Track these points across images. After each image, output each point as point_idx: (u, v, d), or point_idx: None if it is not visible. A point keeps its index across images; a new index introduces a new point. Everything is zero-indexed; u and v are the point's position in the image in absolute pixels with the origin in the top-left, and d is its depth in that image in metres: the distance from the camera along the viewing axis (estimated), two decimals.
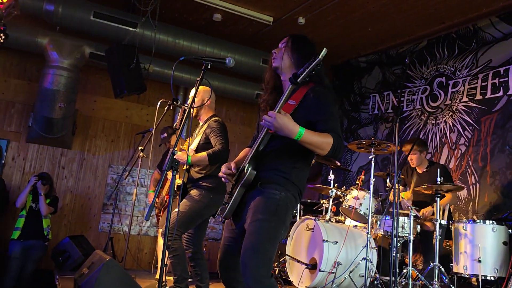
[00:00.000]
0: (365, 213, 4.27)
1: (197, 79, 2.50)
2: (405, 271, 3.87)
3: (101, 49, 5.64)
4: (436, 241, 3.89)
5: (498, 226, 3.90)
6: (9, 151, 5.96)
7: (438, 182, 3.95)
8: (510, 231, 3.92)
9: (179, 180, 3.56)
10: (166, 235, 2.15)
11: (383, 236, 4.38)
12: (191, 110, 3.11)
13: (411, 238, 3.97)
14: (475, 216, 4.72)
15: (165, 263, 2.26)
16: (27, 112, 6.03)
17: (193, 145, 3.64)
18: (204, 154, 3.40)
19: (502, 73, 4.91)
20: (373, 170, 4.17)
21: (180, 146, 3.96)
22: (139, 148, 4.58)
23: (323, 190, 5.00)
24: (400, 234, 4.07)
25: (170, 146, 5.10)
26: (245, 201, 2.14)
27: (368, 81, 6.63)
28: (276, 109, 2.07)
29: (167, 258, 3.37)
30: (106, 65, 5.60)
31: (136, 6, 5.06)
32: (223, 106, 7.31)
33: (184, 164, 3.47)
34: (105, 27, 5.41)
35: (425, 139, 5.50)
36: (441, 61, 5.63)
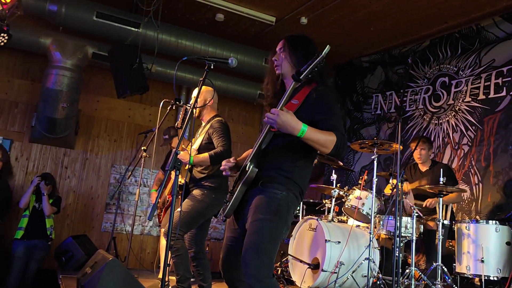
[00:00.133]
0: (368, 213, 4.26)
1: (200, 79, 2.50)
2: (407, 271, 3.86)
3: (104, 49, 5.65)
4: (439, 241, 3.88)
5: (501, 226, 3.89)
6: (12, 151, 5.98)
7: (441, 183, 3.95)
8: None
9: (181, 180, 3.56)
10: (169, 235, 2.16)
11: (385, 236, 4.37)
12: (194, 110, 3.11)
13: (414, 238, 3.96)
14: (478, 216, 4.71)
15: (167, 262, 2.26)
16: (30, 112, 6.05)
17: (195, 145, 3.64)
18: (206, 155, 3.41)
19: (505, 73, 4.90)
20: (376, 170, 4.17)
21: (182, 146, 3.96)
22: (142, 148, 4.59)
23: (326, 190, 5.00)
24: (403, 234, 4.06)
25: (172, 147, 5.10)
26: (246, 200, 2.14)
27: (371, 81, 6.62)
28: (278, 106, 2.06)
29: (170, 258, 3.37)
30: (109, 65, 5.61)
31: (139, 6, 5.07)
32: (225, 106, 7.31)
33: (186, 164, 3.48)
34: (108, 27, 5.42)
35: None
36: (444, 61, 5.61)
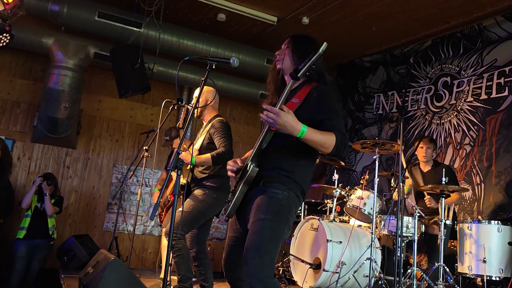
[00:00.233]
0: (370, 213, 4.26)
1: (202, 79, 2.50)
2: (409, 271, 3.86)
3: (105, 49, 5.65)
4: (441, 241, 3.87)
5: (503, 226, 3.88)
6: (14, 151, 5.99)
7: (444, 182, 3.94)
8: None
9: (183, 180, 3.57)
10: (171, 234, 2.16)
11: (387, 236, 4.37)
12: (195, 110, 3.11)
13: (416, 238, 3.95)
14: (480, 216, 4.70)
15: (169, 262, 2.26)
16: (32, 112, 6.06)
17: (197, 145, 3.65)
18: (208, 155, 3.41)
19: (507, 73, 4.88)
20: (378, 170, 4.16)
21: (184, 146, 3.96)
22: (144, 148, 4.60)
23: (327, 190, 5.00)
24: (404, 234, 4.06)
25: (173, 148, 5.10)
26: (248, 200, 2.14)
27: (373, 81, 6.61)
28: (277, 105, 2.04)
29: (171, 257, 3.38)
30: (111, 65, 5.61)
31: (141, 6, 5.07)
32: (227, 106, 7.32)
33: (188, 164, 3.48)
34: (109, 27, 5.43)
35: None
36: (446, 60, 5.60)
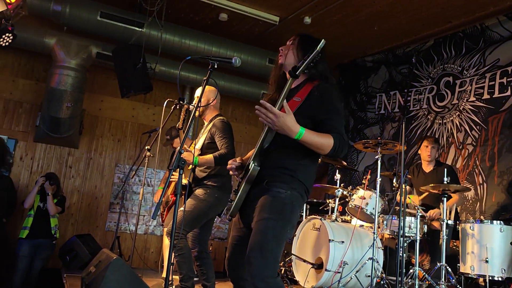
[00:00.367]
0: (372, 213, 4.26)
1: (204, 78, 2.50)
2: (411, 271, 3.86)
3: (108, 49, 5.66)
4: (443, 241, 3.87)
5: (505, 226, 3.87)
6: (17, 151, 6.01)
7: (445, 182, 3.93)
8: None
9: (184, 180, 3.57)
10: (173, 234, 2.16)
11: (389, 236, 4.37)
12: (197, 110, 3.11)
13: (418, 238, 3.95)
14: (482, 216, 4.69)
15: (171, 262, 2.26)
16: (34, 112, 6.07)
17: (198, 144, 3.65)
18: (210, 156, 3.42)
19: (510, 72, 4.87)
20: (380, 169, 4.16)
21: (185, 146, 3.96)
22: (146, 148, 4.60)
23: (330, 189, 4.99)
24: (406, 234, 4.05)
25: (174, 147, 5.10)
26: (251, 199, 2.13)
27: (375, 81, 6.61)
28: (277, 104, 2.04)
29: (173, 257, 3.38)
30: (113, 65, 5.62)
31: (143, 6, 5.08)
32: (229, 105, 7.32)
33: (190, 164, 3.49)
34: (112, 27, 5.44)
35: None
36: (448, 60, 5.59)
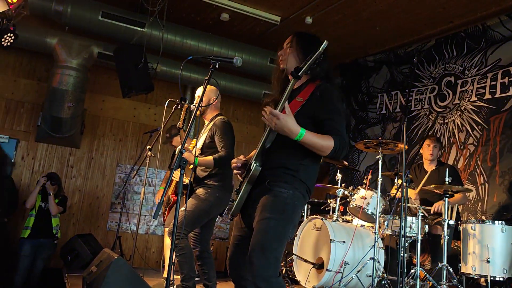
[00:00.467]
0: (373, 213, 4.25)
1: (205, 78, 2.51)
2: (413, 271, 3.85)
3: (109, 49, 5.67)
4: (444, 241, 3.86)
5: (507, 226, 3.86)
6: (18, 151, 6.02)
7: (447, 182, 3.93)
8: None
9: (186, 179, 3.57)
10: (174, 234, 2.16)
11: (390, 236, 4.36)
12: (198, 109, 3.11)
13: (419, 238, 3.94)
14: (484, 217, 4.68)
15: (172, 261, 2.26)
16: (36, 111, 6.08)
17: (199, 143, 3.66)
18: (210, 158, 3.44)
19: (511, 72, 4.87)
20: (381, 169, 4.16)
21: (185, 145, 3.97)
22: (147, 148, 4.60)
23: (331, 189, 4.99)
24: (408, 234, 4.05)
25: (172, 145, 5.10)
26: (253, 199, 2.14)
27: (376, 81, 6.60)
28: (279, 106, 2.05)
29: (175, 256, 3.38)
30: (114, 65, 5.63)
31: (144, 6, 5.09)
32: (230, 105, 7.32)
33: (191, 164, 3.49)
34: (113, 27, 5.44)
35: None
36: (450, 60, 5.59)
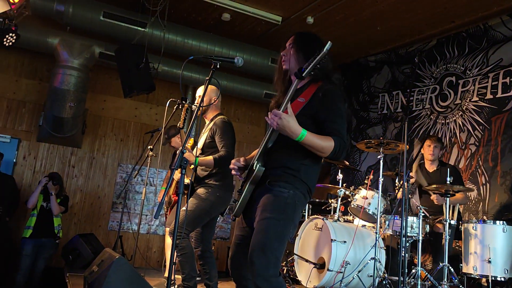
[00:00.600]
0: (374, 213, 4.25)
1: (206, 78, 2.51)
2: (414, 271, 3.85)
3: (110, 49, 5.68)
4: (446, 241, 3.86)
5: (508, 226, 3.86)
6: (20, 150, 6.03)
7: (448, 182, 3.93)
8: None
9: (186, 180, 3.58)
10: (175, 234, 2.16)
11: (391, 236, 4.36)
12: (199, 109, 3.12)
13: (420, 238, 3.94)
14: (485, 217, 4.68)
15: (173, 261, 2.27)
16: (38, 111, 6.09)
17: (199, 143, 3.67)
18: (210, 158, 3.45)
19: None
20: (382, 169, 4.16)
21: (187, 145, 3.97)
22: (148, 147, 4.61)
23: (332, 189, 4.99)
24: (409, 234, 4.05)
25: (172, 146, 5.10)
26: (255, 199, 2.14)
27: (377, 80, 6.60)
28: (282, 106, 2.06)
29: (176, 256, 3.39)
30: (116, 65, 5.64)
31: (145, 6, 5.10)
32: (231, 105, 7.33)
33: (191, 164, 3.49)
34: (114, 27, 5.45)
35: None
36: (451, 60, 5.58)
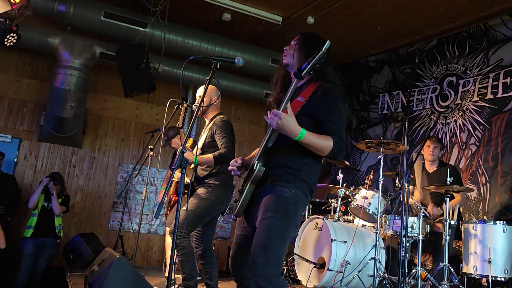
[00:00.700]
0: (374, 213, 4.26)
1: (206, 78, 2.51)
2: (414, 271, 3.85)
3: (111, 49, 5.69)
4: (446, 241, 3.86)
5: (508, 226, 3.86)
6: (21, 150, 6.04)
7: (448, 182, 3.93)
8: None
9: (187, 179, 3.58)
10: (175, 233, 2.17)
11: (392, 235, 4.37)
12: (199, 109, 3.12)
13: (421, 238, 3.95)
14: (485, 217, 4.68)
15: (173, 261, 2.27)
16: (39, 111, 6.11)
17: (199, 143, 3.67)
18: (210, 156, 3.44)
19: None
20: (382, 169, 4.16)
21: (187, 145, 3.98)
22: (149, 147, 4.62)
23: (332, 189, 4.99)
24: (409, 234, 4.05)
25: (172, 147, 5.11)
26: (256, 198, 2.15)
27: (378, 80, 6.60)
28: (281, 106, 2.07)
29: (176, 256, 3.39)
30: (117, 65, 5.65)
31: (146, 6, 5.11)
32: (232, 105, 7.33)
33: (191, 164, 3.50)
34: (115, 27, 5.46)
35: None
36: (452, 60, 5.58)
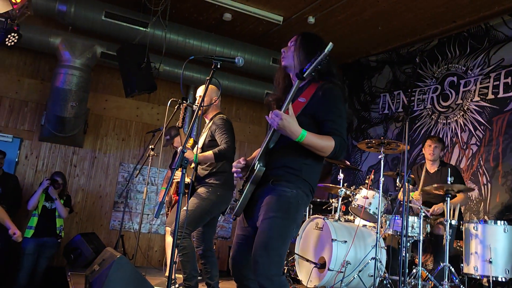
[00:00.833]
0: (375, 213, 4.25)
1: (207, 78, 2.51)
2: (414, 271, 3.85)
3: (112, 49, 5.69)
4: (446, 241, 3.86)
5: (509, 226, 3.85)
6: (22, 150, 6.05)
7: (449, 182, 3.93)
8: None
9: (187, 179, 3.58)
10: (176, 233, 2.17)
11: (392, 235, 4.37)
12: (199, 109, 3.12)
13: (421, 238, 3.94)
14: (486, 217, 4.68)
15: (174, 260, 2.27)
16: (40, 111, 6.11)
17: (199, 143, 3.67)
18: (210, 153, 3.44)
19: None
20: (383, 169, 4.16)
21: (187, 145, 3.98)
22: (150, 147, 4.62)
23: (333, 189, 4.99)
24: (409, 234, 4.05)
25: (174, 147, 5.12)
26: (257, 198, 2.14)
27: (379, 80, 6.60)
28: (283, 107, 2.06)
29: (177, 256, 3.39)
30: (117, 65, 5.65)
31: (147, 6, 5.11)
32: (232, 105, 7.33)
33: (191, 163, 3.50)
34: (116, 27, 5.47)
35: None
36: (453, 60, 5.58)
